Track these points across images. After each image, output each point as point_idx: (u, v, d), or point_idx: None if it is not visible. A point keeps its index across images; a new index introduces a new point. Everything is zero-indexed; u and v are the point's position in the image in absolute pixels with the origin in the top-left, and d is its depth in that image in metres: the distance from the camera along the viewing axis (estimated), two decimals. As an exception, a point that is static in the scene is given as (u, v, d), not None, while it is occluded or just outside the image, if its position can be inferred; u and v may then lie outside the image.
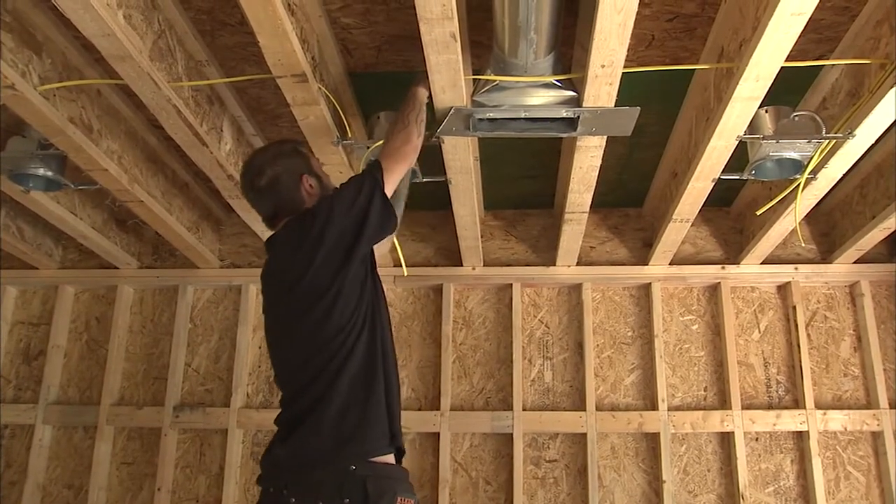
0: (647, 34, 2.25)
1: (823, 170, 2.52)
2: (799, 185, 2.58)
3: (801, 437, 3.28)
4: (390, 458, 1.91)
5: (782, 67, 1.95)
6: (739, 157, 2.49)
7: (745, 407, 3.30)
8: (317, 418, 1.85)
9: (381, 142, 2.49)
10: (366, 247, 1.99)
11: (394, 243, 2.77)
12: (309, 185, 2.12)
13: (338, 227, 1.94)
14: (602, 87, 2.07)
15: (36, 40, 2.11)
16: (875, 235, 3.05)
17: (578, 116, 2.20)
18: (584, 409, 3.32)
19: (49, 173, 2.65)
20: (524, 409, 3.35)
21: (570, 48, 2.22)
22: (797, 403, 3.31)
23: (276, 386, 2.09)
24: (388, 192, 2.06)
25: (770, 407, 3.33)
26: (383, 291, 2.11)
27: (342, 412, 1.85)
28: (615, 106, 2.16)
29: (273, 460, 1.91)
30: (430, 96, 2.21)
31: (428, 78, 2.09)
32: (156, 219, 3.01)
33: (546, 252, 3.53)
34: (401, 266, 3.03)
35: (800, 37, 1.83)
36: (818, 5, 1.72)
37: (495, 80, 2.15)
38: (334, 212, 1.96)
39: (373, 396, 1.89)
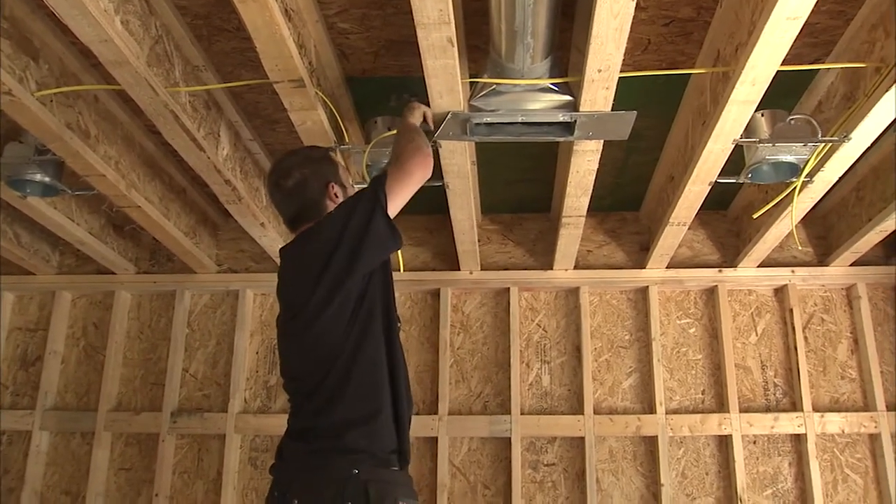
0: (644, 38, 2.25)
1: (819, 173, 2.52)
2: (795, 188, 2.58)
3: (798, 440, 3.28)
4: (394, 465, 1.91)
5: (778, 71, 1.96)
6: (736, 161, 2.49)
7: (743, 410, 3.30)
8: (324, 425, 1.87)
9: (377, 139, 2.50)
10: (364, 266, 1.93)
11: None
12: (334, 193, 2.09)
13: (340, 251, 1.90)
14: (599, 92, 2.07)
15: (33, 46, 2.11)
16: (871, 238, 3.05)
17: (575, 121, 2.21)
18: (582, 413, 3.32)
19: (46, 179, 2.64)
20: (522, 413, 3.35)
21: (566, 52, 2.22)
22: (795, 406, 3.31)
23: (284, 389, 2.09)
24: (395, 208, 1.97)
25: (768, 410, 3.33)
26: (395, 309, 2.05)
27: (349, 423, 1.86)
28: (612, 110, 2.17)
29: (282, 464, 1.94)
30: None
31: (413, 105, 2.10)
32: (153, 224, 3.00)
33: (543, 256, 3.53)
34: (398, 268, 3.02)
35: (795, 40, 1.83)
36: (813, 9, 1.73)
37: (492, 84, 2.15)
38: (335, 232, 1.92)
39: (382, 410, 1.90)
